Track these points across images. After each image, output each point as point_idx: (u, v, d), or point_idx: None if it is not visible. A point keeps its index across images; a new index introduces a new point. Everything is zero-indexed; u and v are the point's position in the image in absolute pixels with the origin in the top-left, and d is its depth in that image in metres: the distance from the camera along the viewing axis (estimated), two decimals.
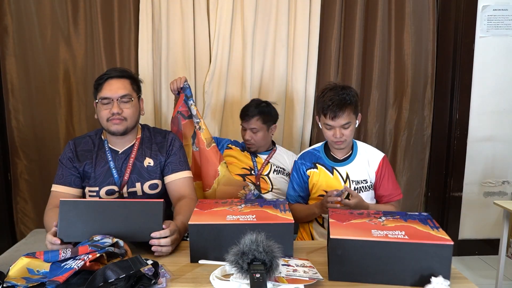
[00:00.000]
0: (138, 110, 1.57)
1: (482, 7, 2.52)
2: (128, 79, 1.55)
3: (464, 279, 1.11)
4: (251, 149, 2.05)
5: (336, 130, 1.61)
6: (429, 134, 2.63)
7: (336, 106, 1.58)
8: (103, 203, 1.31)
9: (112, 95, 1.48)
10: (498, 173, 2.70)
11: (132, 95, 1.53)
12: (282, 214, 1.24)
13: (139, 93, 1.59)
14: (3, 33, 2.31)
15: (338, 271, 1.09)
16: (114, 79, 1.51)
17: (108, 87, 1.50)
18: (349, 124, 1.61)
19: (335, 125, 1.61)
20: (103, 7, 2.28)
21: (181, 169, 1.58)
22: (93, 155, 1.55)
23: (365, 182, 1.70)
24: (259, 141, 2.01)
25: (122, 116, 1.49)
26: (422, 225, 1.14)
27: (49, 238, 1.19)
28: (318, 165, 1.74)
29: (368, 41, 2.50)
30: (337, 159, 1.73)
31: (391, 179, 1.72)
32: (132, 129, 1.55)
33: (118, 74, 1.53)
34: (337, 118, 1.59)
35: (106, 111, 1.49)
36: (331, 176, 1.71)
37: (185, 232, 1.36)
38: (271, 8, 2.36)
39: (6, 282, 0.99)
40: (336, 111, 1.58)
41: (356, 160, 1.71)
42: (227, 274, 1.07)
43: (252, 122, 1.98)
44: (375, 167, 1.71)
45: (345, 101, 1.58)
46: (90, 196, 1.54)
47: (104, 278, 0.94)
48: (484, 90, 2.61)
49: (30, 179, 2.43)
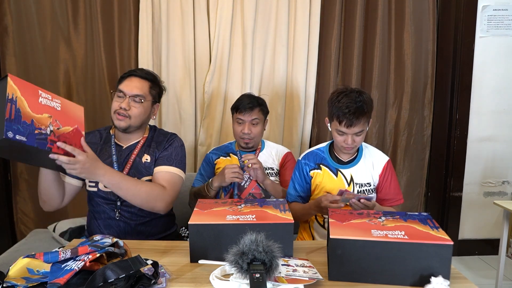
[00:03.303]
0: (147, 113, 1.59)
1: (482, 7, 2.52)
2: (150, 82, 1.59)
3: (464, 279, 1.11)
4: (249, 144, 1.92)
5: (348, 137, 1.57)
6: (429, 134, 2.63)
7: (353, 115, 1.51)
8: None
9: (126, 91, 1.53)
10: (498, 173, 2.70)
11: (146, 97, 1.56)
12: (282, 214, 1.24)
13: (156, 99, 1.62)
14: (3, 33, 2.31)
15: (338, 271, 1.09)
16: (136, 78, 1.57)
17: (127, 82, 1.56)
18: (362, 131, 1.57)
19: (348, 132, 1.56)
20: (103, 7, 2.29)
21: (168, 164, 1.56)
22: (98, 147, 1.59)
23: (368, 185, 1.67)
24: (257, 134, 1.92)
25: (128, 113, 1.52)
26: (422, 225, 1.14)
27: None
28: (322, 166, 1.70)
29: (368, 41, 2.50)
30: (342, 161, 1.70)
31: (393, 184, 1.70)
32: (136, 128, 1.58)
33: (141, 74, 1.58)
34: (352, 127, 1.54)
35: (117, 103, 1.54)
36: (335, 178, 1.68)
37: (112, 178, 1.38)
38: (271, 8, 2.36)
39: (6, 282, 0.99)
40: (353, 120, 1.52)
41: (361, 162, 1.68)
42: (227, 274, 1.07)
43: (254, 113, 1.88)
44: (379, 170, 1.69)
45: (362, 110, 1.52)
46: (89, 187, 1.57)
47: (104, 278, 0.94)
48: (484, 90, 2.61)
49: (30, 179, 2.44)
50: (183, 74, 2.38)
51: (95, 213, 1.60)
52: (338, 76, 2.52)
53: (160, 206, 1.48)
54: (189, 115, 2.42)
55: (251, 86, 2.41)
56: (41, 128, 1.20)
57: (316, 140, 2.56)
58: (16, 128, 1.12)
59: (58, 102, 1.29)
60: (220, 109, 2.41)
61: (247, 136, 1.89)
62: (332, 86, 2.48)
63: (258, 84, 2.44)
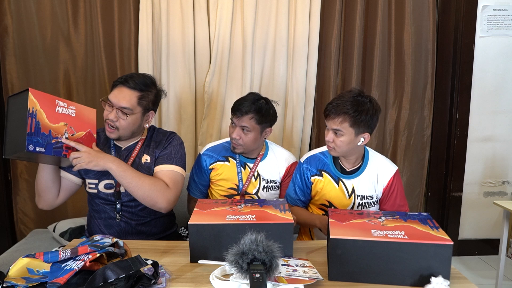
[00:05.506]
0: (137, 123, 1.53)
1: (482, 7, 2.52)
2: (140, 92, 1.51)
3: (464, 279, 1.11)
4: (236, 150, 1.71)
5: (328, 132, 1.54)
6: (429, 134, 2.63)
7: (333, 107, 1.50)
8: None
9: (114, 102, 1.49)
10: (498, 173, 2.70)
11: (134, 110, 1.50)
12: (282, 214, 1.24)
13: (147, 108, 1.55)
14: (3, 33, 2.31)
15: (337, 271, 1.09)
16: (125, 88, 1.50)
17: (116, 92, 1.51)
18: (341, 133, 1.50)
19: (328, 125, 1.54)
20: (103, 7, 2.29)
21: (168, 162, 1.55)
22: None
23: (370, 198, 1.62)
24: (248, 143, 1.68)
25: (116, 124, 1.49)
26: (422, 225, 1.14)
27: None
28: (324, 173, 1.64)
29: (368, 41, 2.50)
30: (345, 170, 1.63)
31: (399, 196, 1.64)
32: (127, 137, 1.56)
33: (131, 84, 1.50)
34: (330, 120, 1.51)
35: (106, 113, 1.52)
36: (336, 187, 1.62)
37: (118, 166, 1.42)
38: (271, 8, 2.36)
39: (6, 282, 0.99)
40: (331, 111, 1.50)
41: (365, 173, 1.62)
42: (227, 274, 1.07)
43: (244, 120, 1.64)
44: (384, 183, 1.62)
45: (345, 109, 1.47)
46: (89, 188, 1.57)
47: (104, 278, 0.94)
48: (484, 90, 2.61)
49: (30, 179, 2.44)
50: (183, 74, 2.37)
51: (95, 212, 1.60)
52: (338, 76, 2.52)
53: (161, 203, 1.46)
54: (189, 115, 2.42)
55: (251, 86, 2.41)
56: (57, 137, 1.31)
57: (316, 140, 2.56)
58: (36, 140, 1.22)
59: (73, 109, 1.38)
60: (220, 109, 2.41)
61: (234, 141, 1.69)
62: (332, 86, 2.47)
63: (258, 84, 2.44)
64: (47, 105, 1.27)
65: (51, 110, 1.28)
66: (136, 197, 1.45)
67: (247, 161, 1.79)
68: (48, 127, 1.27)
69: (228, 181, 1.78)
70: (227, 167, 1.77)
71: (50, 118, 1.28)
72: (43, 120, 1.25)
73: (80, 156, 1.35)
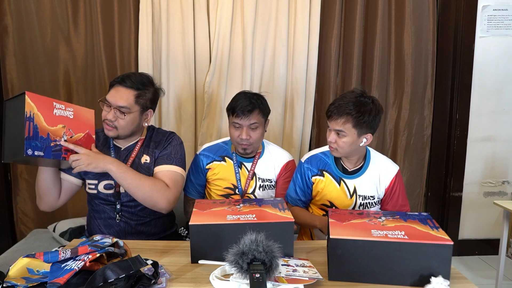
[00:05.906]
0: (136, 122, 1.53)
1: (482, 7, 2.52)
2: (137, 91, 1.52)
3: (464, 279, 1.11)
4: (248, 150, 1.71)
5: (330, 133, 1.53)
6: (429, 134, 2.63)
7: (336, 108, 1.49)
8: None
9: (112, 102, 1.50)
10: (498, 173, 2.70)
11: (132, 109, 1.50)
12: (282, 213, 1.24)
13: (145, 106, 1.55)
14: (3, 33, 2.31)
15: (337, 271, 1.09)
16: (122, 87, 1.51)
17: (113, 92, 1.51)
18: (344, 134, 1.49)
19: (330, 126, 1.53)
20: (103, 7, 2.29)
21: (168, 162, 1.55)
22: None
23: (372, 198, 1.61)
24: (258, 139, 1.70)
25: (114, 124, 1.50)
26: (422, 225, 1.14)
27: None
28: (325, 173, 1.63)
29: (368, 41, 2.50)
30: (346, 170, 1.62)
31: (401, 196, 1.64)
32: (126, 136, 1.56)
33: (128, 84, 1.51)
34: (332, 121, 1.51)
35: (104, 113, 1.52)
36: (338, 187, 1.62)
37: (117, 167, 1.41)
38: (271, 8, 2.36)
39: (6, 282, 0.99)
40: (334, 112, 1.49)
41: (367, 173, 1.61)
42: (227, 274, 1.07)
43: (253, 117, 1.65)
44: (386, 183, 1.62)
45: (347, 110, 1.46)
46: (89, 189, 1.57)
47: (104, 278, 0.94)
48: (484, 90, 2.61)
49: (30, 179, 2.43)
50: (183, 74, 2.37)
51: (95, 213, 1.60)
52: (338, 76, 2.52)
53: (162, 203, 1.46)
54: (189, 115, 2.42)
55: (251, 86, 2.41)
56: (56, 140, 1.30)
57: (316, 140, 2.56)
58: (34, 144, 1.22)
59: (71, 111, 1.37)
60: (220, 109, 2.41)
61: (245, 142, 1.68)
62: (332, 86, 2.47)
63: (258, 84, 2.44)
64: (45, 108, 1.27)
65: (48, 112, 1.28)
66: (136, 198, 1.45)
67: (243, 160, 1.78)
68: (46, 130, 1.26)
69: (225, 180, 1.78)
70: (224, 167, 1.78)
71: (48, 121, 1.27)
72: (41, 123, 1.25)
73: (79, 158, 1.35)
